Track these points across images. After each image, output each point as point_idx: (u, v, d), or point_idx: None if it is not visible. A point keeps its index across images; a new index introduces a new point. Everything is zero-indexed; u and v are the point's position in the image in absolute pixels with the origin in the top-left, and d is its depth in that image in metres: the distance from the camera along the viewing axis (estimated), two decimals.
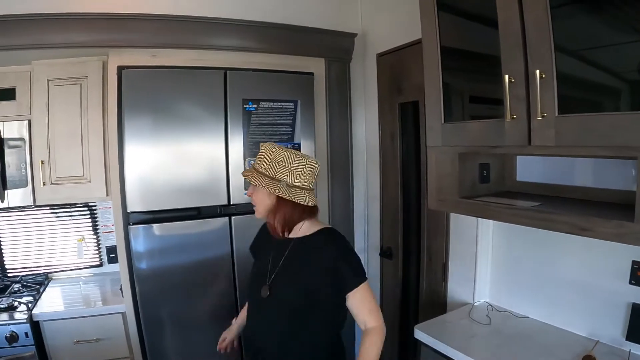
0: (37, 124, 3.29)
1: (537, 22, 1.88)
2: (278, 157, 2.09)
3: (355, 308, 2.12)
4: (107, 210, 4.00)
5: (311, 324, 2.12)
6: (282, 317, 2.14)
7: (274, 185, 2.06)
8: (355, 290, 2.08)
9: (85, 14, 3.01)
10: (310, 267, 2.11)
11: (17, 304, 3.25)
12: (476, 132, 2.30)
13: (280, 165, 2.09)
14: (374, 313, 2.12)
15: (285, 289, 2.15)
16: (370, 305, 2.13)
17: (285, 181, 2.09)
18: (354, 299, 2.10)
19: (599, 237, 1.84)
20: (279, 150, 2.11)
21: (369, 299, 2.13)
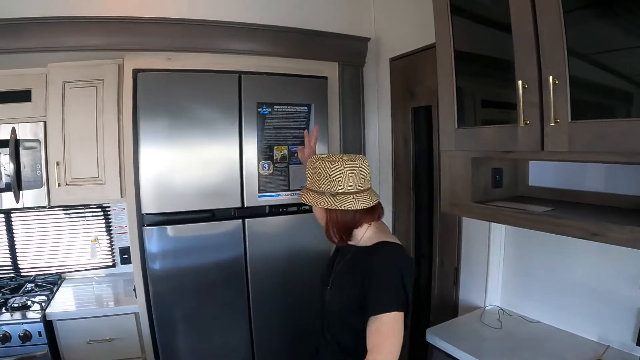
0: (53, 126, 3.31)
1: (551, 28, 1.89)
2: (316, 169, 2.04)
3: (368, 331, 1.89)
4: (121, 211, 4.03)
5: (353, 336, 2.02)
6: (335, 326, 2.13)
7: (318, 198, 2.02)
8: (374, 319, 1.87)
9: (101, 17, 3.04)
10: (355, 278, 2.00)
11: (30, 303, 3.27)
12: (489, 137, 2.30)
13: (320, 177, 2.03)
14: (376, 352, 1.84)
15: (334, 296, 2.12)
16: (379, 341, 1.87)
17: (328, 191, 2.02)
18: (370, 324, 1.88)
19: (612, 243, 1.84)
20: (317, 161, 2.05)
21: (383, 334, 1.87)
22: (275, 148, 3.28)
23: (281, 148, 3.28)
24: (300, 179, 3.36)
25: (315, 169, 2.04)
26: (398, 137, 3.87)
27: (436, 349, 2.63)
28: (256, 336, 3.36)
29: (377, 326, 1.87)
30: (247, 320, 3.33)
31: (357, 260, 2.06)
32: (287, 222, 3.26)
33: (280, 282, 3.35)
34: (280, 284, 3.35)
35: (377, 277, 1.93)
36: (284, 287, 3.38)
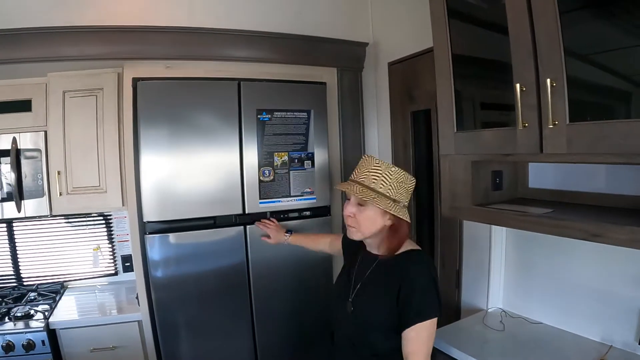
0: (53, 135, 3.31)
1: (547, 31, 1.90)
2: (398, 177, 2.01)
3: (405, 340, 1.95)
4: (122, 219, 4.03)
5: (388, 348, 2.03)
6: (361, 336, 2.10)
7: (395, 207, 1.99)
8: (413, 327, 1.92)
9: (101, 27, 3.06)
10: (390, 288, 2.00)
11: (33, 312, 3.27)
12: (489, 140, 2.31)
13: (400, 186, 2.01)
14: (415, 356, 1.92)
15: (366, 307, 2.09)
16: (418, 347, 1.93)
17: (402, 202, 2.03)
18: (409, 333, 1.93)
19: (612, 243, 1.85)
20: (399, 171, 2.03)
21: (421, 340, 1.93)
22: (276, 154, 3.28)
23: (281, 154, 3.29)
24: (300, 185, 3.37)
25: (397, 176, 2.02)
26: (398, 141, 3.88)
27: (439, 352, 2.63)
28: (259, 343, 3.36)
29: (416, 333, 1.92)
30: (250, 327, 3.33)
31: (389, 270, 2.07)
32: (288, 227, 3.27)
33: (282, 288, 3.35)
34: (282, 290, 3.35)
35: (417, 285, 1.96)
36: (286, 293, 3.38)
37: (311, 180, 3.41)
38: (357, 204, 2.04)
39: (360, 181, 2.01)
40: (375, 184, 1.99)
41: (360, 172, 2.04)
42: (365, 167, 2.03)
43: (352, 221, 2.06)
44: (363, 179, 2.01)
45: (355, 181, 2.03)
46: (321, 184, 3.47)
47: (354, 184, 2.02)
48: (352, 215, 2.05)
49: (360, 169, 2.06)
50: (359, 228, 2.06)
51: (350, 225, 2.07)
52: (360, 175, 2.03)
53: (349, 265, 2.31)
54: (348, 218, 2.07)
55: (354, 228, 2.07)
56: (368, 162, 2.05)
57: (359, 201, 2.03)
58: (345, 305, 2.16)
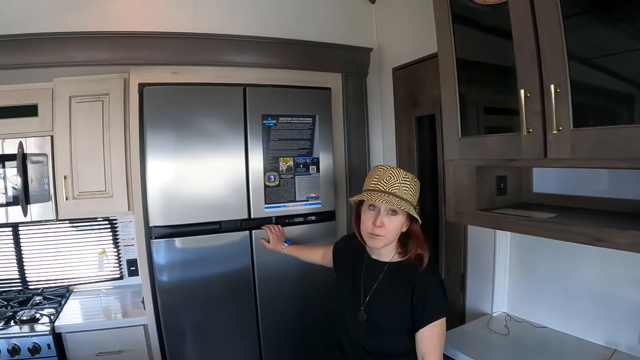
0: (60, 140, 3.34)
1: (551, 37, 1.91)
2: (417, 185, 2.12)
3: (420, 340, 2.03)
4: (128, 224, 4.05)
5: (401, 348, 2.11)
6: (376, 341, 2.15)
7: (416, 213, 2.08)
8: (427, 327, 2.01)
9: (107, 33, 3.08)
10: (404, 292, 2.07)
11: (39, 316, 3.28)
12: (493, 145, 2.32)
13: (417, 193, 2.13)
14: (432, 355, 2.00)
15: (382, 314, 2.13)
16: (433, 345, 2.02)
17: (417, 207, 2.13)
18: (423, 333, 2.02)
19: (614, 248, 1.86)
20: (413, 175, 2.12)
21: (436, 338, 2.03)
22: (281, 159, 3.29)
23: (287, 159, 3.30)
24: (305, 190, 3.38)
25: (416, 186, 2.12)
26: (402, 146, 3.89)
27: (445, 356, 2.63)
28: (264, 347, 3.36)
29: (430, 332, 2.01)
30: (256, 331, 3.33)
31: (400, 275, 2.13)
32: (294, 232, 3.28)
33: (287, 292, 3.35)
34: (287, 295, 3.35)
35: (429, 286, 2.06)
36: (291, 298, 3.38)
37: (316, 185, 3.41)
38: (388, 213, 2.09)
39: (393, 192, 2.06)
40: (406, 194, 2.06)
41: (390, 183, 2.07)
42: (395, 179, 2.07)
43: (382, 230, 2.08)
44: (396, 190, 2.06)
45: (386, 192, 2.06)
46: (326, 189, 3.47)
47: (387, 195, 2.05)
48: (383, 225, 2.08)
49: (387, 179, 2.08)
50: (387, 236, 2.10)
51: (379, 234, 2.09)
52: (392, 187, 2.06)
53: (352, 275, 2.33)
54: (378, 228, 2.08)
55: (383, 237, 2.10)
56: (396, 173, 2.09)
57: (390, 211, 2.08)
58: (357, 315, 2.18)
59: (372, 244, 2.15)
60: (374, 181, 2.11)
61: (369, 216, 2.12)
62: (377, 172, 2.13)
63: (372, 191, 2.09)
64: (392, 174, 2.08)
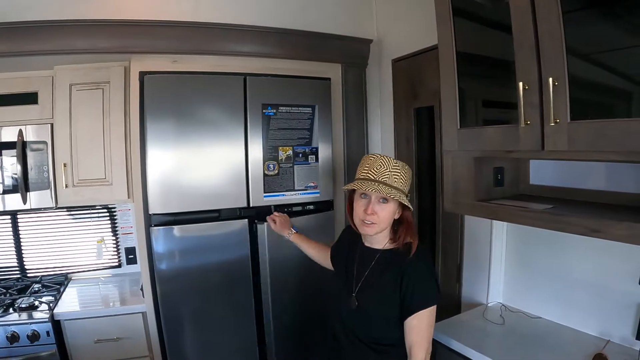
0: (60, 128, 3.33)
1: (551, 30, 1.92)
2: (407, 173, 2.12)
3: (408, 329, 2.03)
4: (126, 212, 4.06)
5: (394, 337, 2.10)
6: (368, 329, 2.15)
7: (407, 200, 2.09)
8: (414, 315, 2.01)
9: (108, 21, 3.07)
10: (393, 280, 2.07)
11: (38, 303, 3.29)
12: (491, 137, 2.33)
13: (408, 180, 2.14)
14: (419, 345, 2.00)
15: (372, 301, 2.14)
16: (420, 335, 2.01)
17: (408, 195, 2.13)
18: (411, 321, 2.02)
19: (611, 239, 1.88)
20: (403, 164, 2.13)
21: (423, 327, 2.02)
22: (280, 149, 3.30)
23: (286, 149, 3.31)
24: (304, 179, 3.40)
25: (407, 174, 2.13)
26: (401, 137, 3.91)
27: (440, 344, 2.66)
28: (263, 335, 3.39)
29: (418, 321, 2.01)
30: (254, 320, 3.34)
31: (391, 262, 2.14)
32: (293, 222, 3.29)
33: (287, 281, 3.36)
34: (287, 283, 3.36)
35: (418, 274, 2.05)
36: (291, 287, 3.39)
37: (315, 175, 3.43)
38: (379, 201, 2.10)
39: (383, 181, 2.07)
40: (396, 183, 2.07)
41: (380, 171, 2.08)
42: (385, 167, 2.08)
43: (374, 218, 2.10)
44: (386, 179, 2.07)
45: (377, 181, 2.08)
46: (325, 179, 3.49)
47: (378, 183, 2.07)
48: (374, 213, 2.09)
49: (377, 168, 2.09)
50: (379, 224, 2.12)
51: (371, 222, 2.11)
52: (382, 175, 2.07)
53: (346, 263, 2.35)
54: (370, 216, 2.10)
55: (375, 224, 2.11)
56: (386, 162, 2.10)
57: (381, 199, 2.10)
58: (349, 301, 2.20)
59: (364, 231, 2.17)
60: (364, 170, 2.13)
61: (360, 204, 2.14)
62: (368, 161, 2.15)
63: (363, 180, 2.11)
64: (382, 163, 2.09)
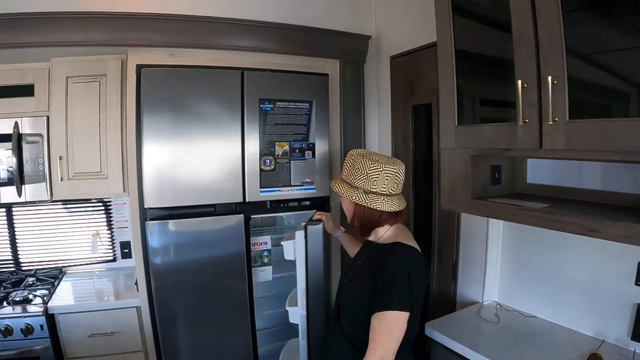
0: (56, 120, 3.32)
1: (550, 29, 1.92)
2: (355, 164, 2.09)
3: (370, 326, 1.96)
4: (122, 206, 4.05)
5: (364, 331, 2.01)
6: (346, 319, 2.16)
7: (351, 192, 2.08)
8: (375, 315, 1.94)
9: (105, 13, 3.06)
10: (368, 275, 2.04)
11: (32, 297, 3.29)
12: (489, 135, 2.33)
13: (358, 173, 2.08)
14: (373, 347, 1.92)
15: (349, 289, 2.18)
16: (376, 337, 1.93)
17: (362, 188, 2.08)
18: (372, 319, 1.95)
19: (607, 239, 1.89)
20: (358, 157, 2.10)
21: (382, 331, 1.92)
22: (277, 144, 3.30)
23: (283, 144, 3.30)
24: (300, 175, 3.39)
25: (354, 164, 2.11)
26: (398, 134, 3.91)
27: (435, 342, 2.66)
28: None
29: (377, 321, 1.94)
30: (249, 314, 3.34)
31: (373, 257, 2.13)
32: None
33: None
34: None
35: (387, 275, 1.99)
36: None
37: (311, 171, 3.42)
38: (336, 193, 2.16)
39: (340, 176, 2.17)
40: (344, 175, 2.14)
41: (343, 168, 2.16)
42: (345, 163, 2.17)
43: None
44: (343, 174, 2.16)
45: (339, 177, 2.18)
46: (321, 175, 3.48)
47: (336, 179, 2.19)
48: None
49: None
50: (349, 217, 2.19)
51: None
52: (342, 171, 2.17)
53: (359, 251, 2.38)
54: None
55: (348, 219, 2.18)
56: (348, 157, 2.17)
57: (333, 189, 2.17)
58: (341, 289, 2.26)
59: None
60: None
61: None
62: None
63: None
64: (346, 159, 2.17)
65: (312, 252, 2.56)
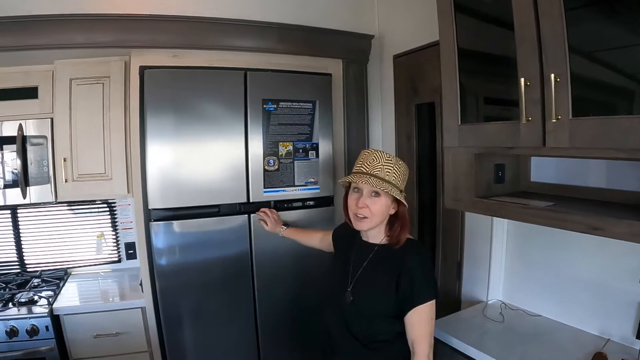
0: (60, 122, 3.34)
1: (553, 26, 1.92)
2: (402, 169, 2.12)
3: (408, 325, 2.03)
4: (126, 207, 4.06)
5: (387, 334, 2.09)
6: (361, 325, 2.13)
7: (400, 195, 2.08)
8: (414, 310, 2.00)
9: (108, 15, 3.07)
10: (389, 276, 2.06)
11: (37, 298, 3.30)
12: (492, 133, 2.33)
13: (405, 178, 2.15)
14: (422, 339, 2.00)
15: (366, 296, 2.13)
16: (422, 330, 2.01)
17: (403, 191, 2.12)
18: (411, 317, 2.01)
19: (612, 237, 1.88)
20: (399, 161, 2.13)
21: (424, 322, 2.01)
22: (281, 144, 3.29)
23: (286, 144, 3.29)
24: (304, 175, 3.38)
25: (403, 170, 2.13)
26: (401, 133, 3.90)
27: (439, 341, 2.66)
28: (261, 330, 3.38)
29: (418, 316, 2.00)
30: (253, 315, 3.34)
31: (388, 258, 2.13)
32: (292, 217, 3.28)
33: (285, 276, 3.36)
34: (285, 279, 3.36)
35: (416, 271, 2.03)
36: (289, 282, 3.39)
37: (315, 171, 3.41)
38: (370, 195, 2.10)
39: (375, 174, 2.07)
40: (389, 176, 2.07)
41: (372, 165, 2.09)
42: (377, 161, 2.09)
43: (366, 212, 2.10)
44: (377, 172, 2.08)
45: (368, 174, 2.08)
46: (325, 174, 3.48)
47: (369, 176, 2.07)
48: (366, 207, 2.09)
49: (370, 162, 2.10)
50: (371, 218, 2.11)
51: (363, 215, 2.11)
52: (374, 169, 2.08)
53: (343, 257, 2.34)
54: (362, 209, 2.10)
55: (367, 218, 2.11)
56: (379, 156, 2.11)
57: (373, 192, 2.10)
58: (344, 296, 2.19)
59: (357, 225, 2.16)
60: (359, 164, 2.15)
61: (353, 198, 2.15)
62: (363, 155, 2.16)
63: (356, 173, 2.13)
64: (375, 157, 2.10)
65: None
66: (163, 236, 3.09)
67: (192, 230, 3.15)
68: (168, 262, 3.11)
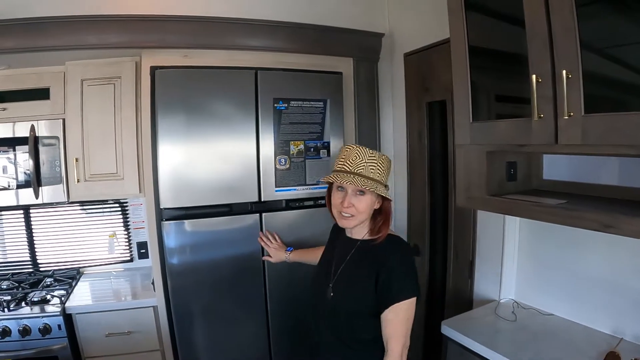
0: (71, 123, 3.37)
1: (564, 22, 1.90)
2: (385, 163, 2.12)
3: (384, 322, 2.00)
4: (138, 207, 4.08)
5: (367, 333, 2.07)
6: (340, 321, 2.13)
7: (385, 191, 2.09)
8: (391, 308, 1.97)
9: (119, 16, 3.08)
10: (369, 272, 2.05)
11: (50, 297, 3.32)
12: (504, 130, 2.31)
13: (388, 172, 2.14)
14: (396, 338, 1.97)
15: (345, 292, 2.13)
16: (397, 328, 1.98)
17: (387, 185, 2.13)
18: (387, 314, 1.98)
19: (624, 234, 1.86)
20: (383, 156, 2.12)
21: (400, 320, 1.98)
22: (292, 143, 3.29)
23: (297, 143, 3.29)
24: (316, 174, 3.38)
25: (387, 164, 2.13)
26: (413, 131, 3.88)
27: (451, 340, 2.66)
28: (272, 329, 3.39)
29: (394, 314, 1.97)
30: (264, 314, 3.35)
31: (368, 254, 2.13)
32: (304, 215, 3.28)
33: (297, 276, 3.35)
34: (297, 278, 3.36)
35: (395, 268, 2.01)
36: (301, 281, 3.38)
37: (327, 169, 3.39)
38: (355, 194, 2.10)
39: (359, 172, 2.07)
40: (373, 173, 2.07)
41: (356, 162, 2.08)
42: (360, 158, 2.08)
43: (351, 210, 2.10)
44: (361, 170, 2.07)
45: (352, 172, 2.08)
46: None
47: (353, 175, 2.06)
48: (352, 206, 2.09)
49: (353, 159, 2.09)
50: (357, 216, 2.12)
51: (349, 214, 2.11)
52: (358, 167, 2.08)
53: (328, 252, 2.37)
54: (347, 208, 2.10)
55: (353, 216, 2.12)
56: (361, 152, 2.10)
57: (358, 191, 2.10)
58: (325, 291, 2.20)
59: (342, 224, 2.17)
60: (340, 162, 2.13)
61: (337, 197, 2.14)
62: (344, 152, 2.15)
63: (338, 172, 2.11)
64: (357, 154, 2.09)
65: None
66: (175, 235, 3.09)
67: (203, 229, 3.15)
68: (180, 261, 3.12)
